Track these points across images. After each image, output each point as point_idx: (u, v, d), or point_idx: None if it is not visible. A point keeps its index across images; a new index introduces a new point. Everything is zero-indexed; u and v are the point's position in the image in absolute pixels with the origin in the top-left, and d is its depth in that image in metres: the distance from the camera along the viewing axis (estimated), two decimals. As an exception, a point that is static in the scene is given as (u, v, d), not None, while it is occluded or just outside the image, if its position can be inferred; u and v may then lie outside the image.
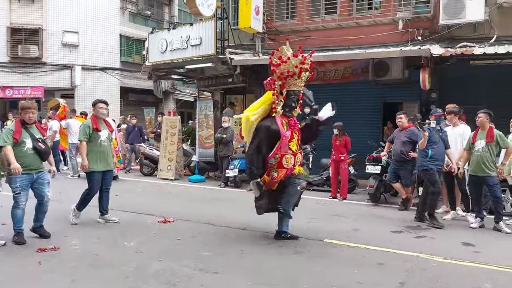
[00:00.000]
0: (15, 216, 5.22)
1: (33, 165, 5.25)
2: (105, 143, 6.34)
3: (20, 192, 5.16)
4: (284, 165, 5.46)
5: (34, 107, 5.36)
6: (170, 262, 4.71)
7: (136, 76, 20.90)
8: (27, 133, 5.25)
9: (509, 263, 4.92)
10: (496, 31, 9.34)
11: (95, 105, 6.43)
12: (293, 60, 5.47)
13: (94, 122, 6.29)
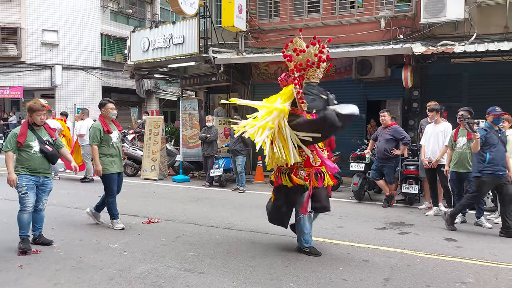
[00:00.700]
0: (21, 221, 4.98)
1: (40, 169, 5.03)
2: (117, 145, 6.16)
3: (27, 192, 4.93)
4: (311, 162, 5.07)
5: (44, 108, 5.13)
6: (155, 263, 4.65)
7: (118, 76, 20.67)
8: (34, 136, 5.02)
9: (490, 258, 5.02)
10: (476, 29, 9.51)
11: (104, 105, 6.13)
12: (312, 49, 5.04)
13: (104, 124, 6.02)
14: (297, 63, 5.09)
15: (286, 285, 4.09)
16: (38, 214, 5.21)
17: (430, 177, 7.52)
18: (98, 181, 10.76)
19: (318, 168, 5.12)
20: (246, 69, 12.60)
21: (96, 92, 20.62)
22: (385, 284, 4.16)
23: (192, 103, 12.34)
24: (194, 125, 12.11)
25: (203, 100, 14.45)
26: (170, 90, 23.06)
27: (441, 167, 7.21)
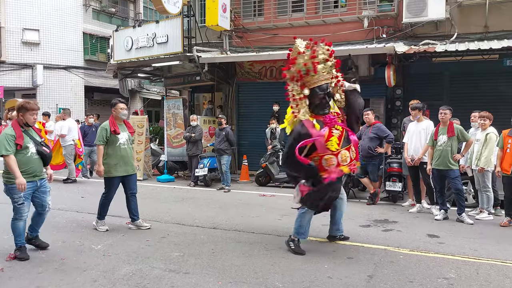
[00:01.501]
0: (17, 229, 4.74)
1: (36, 172, 4.78)
2: (124, 146, 5.93)
3: (24, 202, 4.68)
4: (324, 166, 4.97)
5: (38, 108, 4.93)
6: (139, 264, 4.62)
7: (101, 75, 20.44)
8: (28, 137, 4.75)
9: (471, 253, 5.11)
10: (456, 29, 9.67)
11: (115, 105, 5.96)
12: (301, 58, 5.05)
13: (112, 125, 5.84)
14: (290, 76, 5.21)
15: (271, 283, 4.10)
16: (41, 217, 5.02)
17: (413, 174, 7.63)
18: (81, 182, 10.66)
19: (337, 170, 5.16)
20: (231, 68, 12.58)
21: (78, 92, 20.35)
22: (369, 281, 4.20)
23: (176, 103, 12.27)
24: (178, 124, 12.05)
25: (188, 100, 14.40)
26: (154, 89, 22.90)
27: (424, 165, 7.31)
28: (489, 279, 4.26)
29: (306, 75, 5.06)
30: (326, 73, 5.12)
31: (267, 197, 9.06)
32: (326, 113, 5.13)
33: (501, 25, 9.41)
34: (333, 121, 5.08)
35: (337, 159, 4.99)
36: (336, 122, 5.12)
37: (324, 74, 5.10)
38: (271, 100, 11.49)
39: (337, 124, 5.11)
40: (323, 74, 5.09)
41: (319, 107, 5.12)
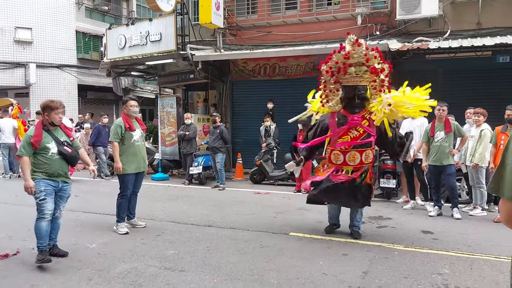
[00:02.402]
0: (40, 230, 4.52)
1: (58, 173, 4.61)
2: (138, 143, 5.91)
3: (46, 198, 4.50)
4: (332, 160, 5.36)
5: (63, 106, 4.80)
6: (135, 263, 4.60)
7: (94, 73, 20.33)
8: (50, 137, 4.59)
9: (465, 249, 5.15)
10: (449, 26, 9.71)
11: (126, 102, 5.95)
12: (335, 57, 5.29)
13: (126, 121, 5.82)
14: (324, 70, 5.41)
15: (266, 280, 4.11)
16: (55, 222, 4.75)
17: (407, 171, 7.66)
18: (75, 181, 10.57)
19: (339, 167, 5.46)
20: (224, 66, 12.56)
21: (72, 91, 20.23)
22: (363, 277, 4.22)
23: (169, 101, 12.24)
24: (170, 123, 12.02)
25: (182, 98, 14.35)
26: (148, 87, 22.80)
27: (418, 162, 7.34)
28: (482, 274, 4.29)
29: (337, 73, 5.26)
30: (359, 77, 5.24)
31: (261, 194, 9.06)
32: (354, 112, 5.29)
33: (493, 22, 9.46)
34: (354, 122, 5.24)
35: (344, 158, 5.26)
36: (358, 124, 5.25)
37: (356, 76, 5.23)
38: (265, 98, 11.49)
39: (360, 126, 5.26)
40: (355, 76, 5.22)
41: (348, 105, 5.35)
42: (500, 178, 1.42)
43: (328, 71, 5.32)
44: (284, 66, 11.74)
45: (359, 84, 5.27)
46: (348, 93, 5.30)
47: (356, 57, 5.19)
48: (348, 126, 5.24)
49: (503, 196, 1.42)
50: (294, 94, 11.59)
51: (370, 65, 5.22)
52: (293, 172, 5.79)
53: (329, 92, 5.36)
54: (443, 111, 6.83)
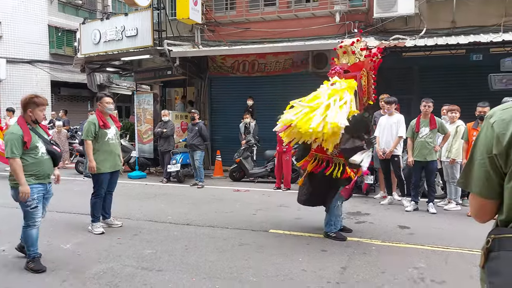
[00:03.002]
0: (30, 238, 4.26)
1: (47, 174, 4.35)
2: (113, 141, 5.74)
3: (38, 206, 4.24)
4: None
5: (47, 103, 4.49)
6: (111, 263, 4.50)
7: (68, 69, 19.80)
8: (37, 135, 4.28)
9: (440, 243, 5.24)
10: (425, 24, 9.87)
11: (100, 99, 5.74)
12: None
13: (100, 119, 5.63)
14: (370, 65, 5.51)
15: (245, 278, 4.08)
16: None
17: (384, 167, 7.75)
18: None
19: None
20: (203, 62, 12.44)
21: (44, 87, 19.65)
22: (342, 272, 4.24)
23: (146, 98, 12.06)
24: (147, 120, 11.85)
25: (159, 94, 14.17)
26: (124, 84, 22.42)
27: (395, 158, 7.45)
28: (457, 268, 4.38)
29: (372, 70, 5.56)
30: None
31: (241, 192, 9.02)
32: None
33: (468, 20, 9.66)
34: None
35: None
36: None
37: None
38: (244, 94, 11.44)
39: None
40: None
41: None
42: (468, 173, 1.46)
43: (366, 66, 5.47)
44: (263, 62, 11.71)
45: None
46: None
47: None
48: None
49: (471, 191, 1.47)
50: (273, 91, 11.59)
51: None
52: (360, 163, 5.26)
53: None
54: (429, 107, 6.94)
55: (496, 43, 8.62)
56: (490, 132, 1.37)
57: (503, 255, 1.34)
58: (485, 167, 1.39)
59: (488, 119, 1.40)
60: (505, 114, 1.35)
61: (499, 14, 9.31)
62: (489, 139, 1.37)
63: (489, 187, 1.40)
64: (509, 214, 1.37)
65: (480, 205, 1.46)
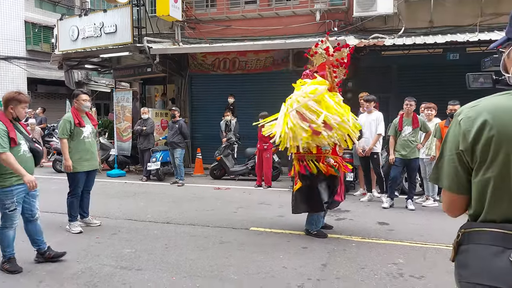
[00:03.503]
0: (6, 239, 4.13)
1: (30, 172, 4.14)
2: (89, 139, 5.61)
3: (17, 208, 4.10)
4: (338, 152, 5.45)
5: (30, 100, 4.38)
6: (89, 263, 4.43)
7: (45, 66, 19.39)
8: (19, 132, 4.16)
9: (418, 239, 5.33)
10: (404, 23, 10.00)
11: (77, 96, 5.60)
12: (337, 54, 5.51)
13: (75, 116, 5.48)
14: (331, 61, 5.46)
15: (226, 276, 4.06)
16: (36, 224, 4.38)
17: (364, 164, 7.84)
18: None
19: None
20: (183, 59, 12.34)
21: (20, 84, 19.17)
22: (323, 269, 4.27)
23: (125, 95, 11.90)
24: (126, 117, 11.70)
25: (139, 92, 13.99)
26: (102, 81, 22.04)
27: (374, 155, 7.53)
28: (435, 263, 4.46)
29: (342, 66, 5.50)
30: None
31: (222, 190, 8.99)
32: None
33: (445, 20, 9.84)
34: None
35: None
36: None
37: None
38: (225, 92, 11.40)
39: None
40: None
41: None
42: (439, 169, 1.50)
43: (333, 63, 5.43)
44: (244, 60, 11.68)
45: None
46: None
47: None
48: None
49: (442, 186, 1.51)
50: (254, 89, 11.60)
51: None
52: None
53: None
54: (411, 106, 7.04)
55: (472, 43, 8.81)
56: (458, 129, 1.42)
57: (472, 248, 1.39)
58: (453, 162, 1.44)
59: (457, 116, 1.45)
60: (471, 112, 1.39)
61: (475, 14, 9.51)
62: (456, 135, 1.42)
63: (458, 182, 1.44)
64: (477, 209, 1.41)
65: (451, 200, 1.51)
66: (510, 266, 1.26)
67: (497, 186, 1.34)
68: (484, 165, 1.35)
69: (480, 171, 1.37)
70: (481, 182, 1.37)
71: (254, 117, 9.37)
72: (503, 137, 1.31)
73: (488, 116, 1.34)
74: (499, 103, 1.36)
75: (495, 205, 1.35)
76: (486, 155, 1.34)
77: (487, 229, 1.35)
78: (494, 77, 1.59)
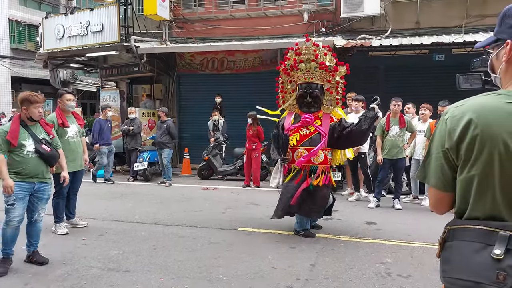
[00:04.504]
0: (4, 236, 4.15)
1: (34, 173, 4.22)
2: (74, 140, 5.54)
3: (15, 204, 4.10)
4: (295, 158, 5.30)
5: (44, 99, 4.40)
6: (76, 264, 4.36)
7: (29, 65, 19.11)
8: (28, 133, 4.21)
9: (405, 238, 5.38)
10: (391, 24, 10.10)
11: (61, 96, 5.54)
12: (288, 54, 5.41)
13: (59, 117, 5.41)
14: (283, 68, 5.53)
15: (215, 277, 4.05)
16: (34, 226, 4.38)
17: (351, 164, 7.86)
18: None
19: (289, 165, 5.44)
20: (171, 59, 12.27)
21: (4, 83, 18.90)
22: (311, 269, 4.27)
23: (112, 94, 11.79)
24: (113, 117, 11.57)
25: (126, 91, 13.87)
26: (88, 80, 21.82)
27: (362, 155, 7.58)
28: (422, 262, 4.50)
29: (291, 70, 5.38)
30: (310, 73, 5.27)
31: (210, 190, 8.96)
32: (306, 111, 5.31)
33: (431, 21, 9.96)
34: (306, 120, 5.21)
35: (293, 156, 5.29)
36: (310, 123, 5.22)
37: (307, 73, 5.27)
38: (213, 92, 11.37)
39: (312, 124, 5.23)
40: (306, 73, 5.28)
41: (300, 104, 5.38)
42: (426, 167, 1.53)
43: (285, 70, 5.45)
44: (233, 60, 11.66)
45: (312, 82, 5.29)
46: (300, 91, 5.33)
47: (306, 52, 5.25)
48: (300, 124, 5.25)
49: (429, 183, 1.53)
50: (242, 89, 11.59)
51: (319, 61, 5.27)
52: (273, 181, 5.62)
53: (285, 93, 5.47)
54: (398, 106, 7.10)
55: (458, 44, 8.93)
56: (444, 127, 1.44)
57: (455, 244, 1.42)
58: (440, 160, 1.46)
59: (443, 115, 1.48)
60: (457, 111, 1.42)
61: (460, 16, 9.65)
62: (443, 134, 1.45)
63: (444, 180, 1.47)
64: (461, 206, 1.44)
65: (437, 198, 1.53)
66: (490, 261, 1.28)
67: (481, 184, 1.36)
68: (469, 163, 1.38)
69: (465, 169, 1.39)
70: (466, 180, 1.40)
71: (243, 117, 9.39)
72: (487, 136, 1.33)
73: (473, 115, 1.36)
74: (484, 103, 1.39)
75: (479, 202, 1.38)
76: (471, 154, 1.37)
77: (471, 226, 1.38)
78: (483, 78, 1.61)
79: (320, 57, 5.28)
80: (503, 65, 1.44)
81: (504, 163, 1.32)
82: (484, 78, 1.61)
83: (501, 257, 1.26)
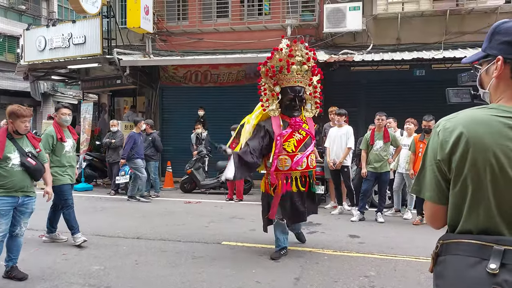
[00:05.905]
0: None
1: (19, 187, 4.15)
2: (70, 154, 5.52)
3: (0, 219, 4.03)
4: (279, 167, 5.00)
5: (30, 114, 4.34)
6: (55, 281, 4.25)
7: (9, 77, 18.79)
8: (14, 146, 4.15)
9: (388, 251, 5.40)
10: (372, 40, 10.30)
11: (58, 110, 5.53)
12: (277, 54, 5.08)
13: (58, 131, 5.39)
14: (265, 69, 5.20)
15: (199, 292, 3.99)
16: (15, 240, 4.28)
17: (334, 177, 7.93)
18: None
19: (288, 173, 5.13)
20: (154, 72, 12.23)
21: (-18, 95, 18.52)
22: (296, 283, 4.25)
23: (87, 107, 11.68)
24: (86, 130, 11.45)
25: (107, 104, 13.73)
26: (69, 92, 21.55)
27: (345, 168, 7.64)
28: (405, 275, 4.52)
29: (279, 72, 5.10)
30: (301, 76, 5.13)
31: (192, 204, 8.88)
32: (294, 115, 5.13)
33: (411, 37, 10.20)
34: (298, 124, 5.09)
35: (292, 161, 5.04)
36: (301, 126, 5.13)
37: (298, 76, 5.10)
38: (196, 104, 11.35)
39: (302, 129, 5.13)
40: (296, 76, 5.09)
41: (287, 108, 5.14)
42: (421, 180, 1.52)
43: (268, 71, 5.15)
44: (216, 73, 11.70)
45: (299, 85, 5.14)
46: (288, 94, 5.09)
47: (299, 55, 5.12)
48: (292, 129, 5.09)
49: (424, 197, 1.52)
50: (226, 102, 11.60)
51: (311, 64, 5.22)
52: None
53: (271, 96, 5.14)
54: (382, 121, 7.18)
55: (438, 60, 9.16)
56: (436, 140, 1.45)
57: (449, 259, 1.41)
58: (434, 172, 1.46)
59: (435, 128, 1.48)
60: (449, 123, 1.43)
61: (440, 32, 9.91)
62: (435, 146, 1.45)
63: (439, 193, 1.46)
64: (454, 219, 1.43)
65: (432, 211, 1.52)
66: (485, 276, 1.28)
67: (473, 198, 1.36)
68: (461, 177, 1.38)
69: (458, 182, 1.39)
70: (458, 193, 1.40)
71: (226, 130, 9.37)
72: (478, 149, 1.34)
73: (464, 129, 1.37)
74: (475, 116, 1.40)
75: (472, 216, 1.38)
76: (463, 167, 1.37)
77: (464, 241, 1.38)
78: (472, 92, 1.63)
79: (312, 60, 5.24)
80: (494, 81, 1.45)
81: (496, 175, 1.32)
82: (473, 93, 1.63)
83: (496, 271, 1.26)
